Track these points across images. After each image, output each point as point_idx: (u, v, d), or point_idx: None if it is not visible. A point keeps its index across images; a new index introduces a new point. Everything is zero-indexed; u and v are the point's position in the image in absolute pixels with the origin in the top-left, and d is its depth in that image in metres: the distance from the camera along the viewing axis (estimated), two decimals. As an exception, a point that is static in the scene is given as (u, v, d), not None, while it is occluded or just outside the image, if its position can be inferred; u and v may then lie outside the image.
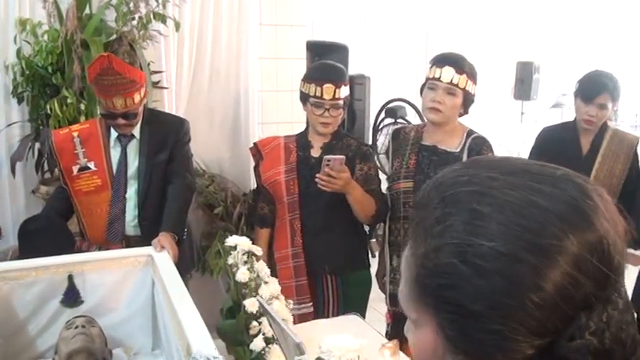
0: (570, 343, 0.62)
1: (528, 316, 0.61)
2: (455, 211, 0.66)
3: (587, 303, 0.62)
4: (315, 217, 2.85)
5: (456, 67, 2.66)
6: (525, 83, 7.11)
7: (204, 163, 4.10)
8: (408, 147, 2.86)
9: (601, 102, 3.09)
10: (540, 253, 0.61)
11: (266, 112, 4.18)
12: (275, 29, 4.17)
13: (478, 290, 0.62)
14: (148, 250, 2.63)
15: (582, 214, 0.64)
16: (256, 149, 3.03)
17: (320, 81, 2.79)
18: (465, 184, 0.67)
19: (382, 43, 6.79)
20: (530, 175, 0.67)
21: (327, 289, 2.94)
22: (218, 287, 3.68)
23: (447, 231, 0.65)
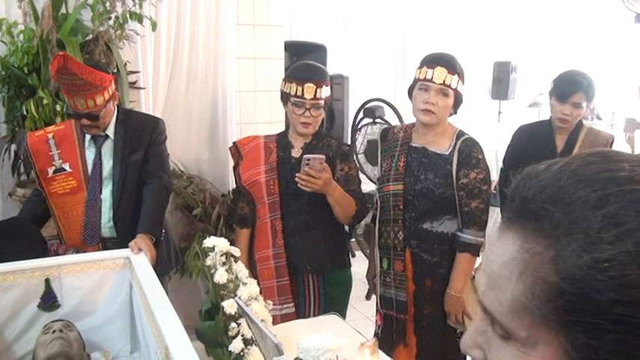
0: None
1: None
2: (629, 210, 0.55)
3: None
4: (296, 217, 2.85)
5: (448, 67, 2.66)
6: (502, 83, 7.15)
7: (183, 164, 4.08)
8: (397, 148, 2.84)
9: (576, 101, 3.12)
10: None
11: (244, 112, 4.16)
12: (252, 29, 4.15)
13: None
14: (125, 252, 2.61)
15: None
16: (236, 149, 3.02)
17: (301, 80, 2.78)
18: (630, 183, 0.57)
19: (360, 43, 6.80)
20: None
21: (308, 289, 2.93)
22: (197, 289, 3.67)
23: (628, 236, 0.54)
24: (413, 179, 2.73)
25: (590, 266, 0.54)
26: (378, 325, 2.97)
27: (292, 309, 2.84)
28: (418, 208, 2.71)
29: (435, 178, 2.69)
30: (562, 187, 0.59)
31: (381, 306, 2.89)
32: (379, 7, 6.83)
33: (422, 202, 2.70)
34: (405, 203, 2.74)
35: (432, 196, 2.68)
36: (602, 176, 0.58)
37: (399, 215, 2.75)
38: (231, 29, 4.04)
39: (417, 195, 2.71)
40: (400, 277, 2.78)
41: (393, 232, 2.78)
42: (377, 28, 6.91)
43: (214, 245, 2.09)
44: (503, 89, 7.16)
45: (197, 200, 3.92)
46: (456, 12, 7.09)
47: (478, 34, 7.28)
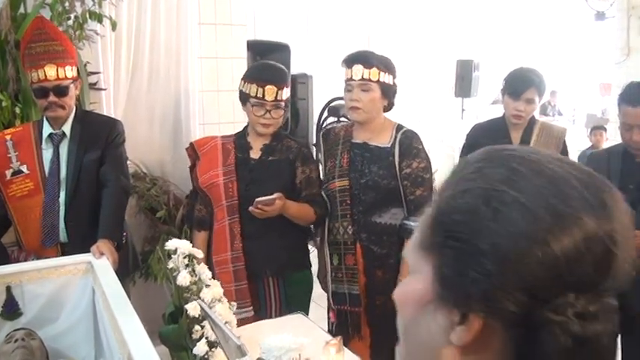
0: (553, 314, 0.63)
1: (526, 268, 0.63)
2: (495, 165, 0.70)
3: (580, 286, 0.64)
4: (254, 220, 2.80)
5: (364, 62, 2.72)
6: (465, 81, 7.23)
7: (145, 166, 4.03)
8: (339, 146, 2.88)
9: (528, 97, 3.17)
10: (558, 218, 0.64)
11: (207, 112, 4.13)
12: (214, 28, 4.12)
13: (489, 230, 0.65)
14: (87, 257, 2.58)
15: (606, 207, 0.66)
16: (192, 149, 2.99)
17: (262, 82, 2.77)
18: (510, 151, 0.72)
19: (324, 42, 6.81)
20: (570, 162, 0.71)
21: (268, 292, 2.92)
22: (163, 292, 3.63)
23: (481, 178, 0.69)
24: (358, 174, 2.79)
25: (450, 197, 0.70)
26: (331, 322, 2.98)
27: (251, 312, 2.82)
28: (365, 202, 2.77)
29: (379, 171, 2.75)
30: (467, 157, 0.74)
31: (334, 302, 2.91)
32: (343, 6, 6.85)
33: (368, 195, 2.76)
34: (352, 198, 2.79)
35: (378, 188, 2.74)
36: (498, 148, 0.73)
37: (347, 210, 2.80)
38: (192, 29, 4.00)
39: (362, 189, 2.77)
40: (352, 271, 2.82)
41: (342, 227, 2.82)
42: (341, 26, 6.93)
43: (176, 248, 2.07)
44: (466, 87, 7.23)
45: (161, 202, 3.88)
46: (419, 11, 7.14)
47: (441, 32, 7.35)
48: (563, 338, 0.63)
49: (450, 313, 0.68)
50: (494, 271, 0.63)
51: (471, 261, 0.65)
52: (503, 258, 0.63)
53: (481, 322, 0.65)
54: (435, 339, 0.69)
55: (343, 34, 6.89)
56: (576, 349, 0.64)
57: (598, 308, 0.65)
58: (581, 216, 0.64)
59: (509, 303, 0.63)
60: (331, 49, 6.72)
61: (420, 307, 0.71)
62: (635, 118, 2.76)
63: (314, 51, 6.85)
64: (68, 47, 2.81)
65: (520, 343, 0.65)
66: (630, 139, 2.81)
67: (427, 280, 0.70)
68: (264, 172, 2.76)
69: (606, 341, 0.66)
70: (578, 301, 0.64)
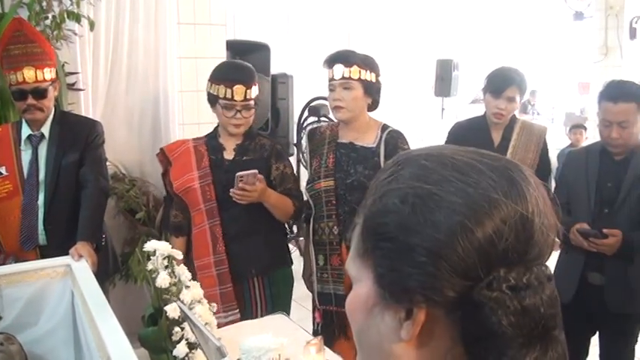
0: (488, 291, 0.66)
1: (454, 253, 0.66)
2: (405, 166, 0.73)
3: (508, 260, 0.67)
4: (236, 221, 2.81)
5: (344, 61, 2.72)
6: (445, 80, 7.23)
7: (124, 167, 4.00)
8: (325, 146, 2.87)
9: (509, 95, 3.18)
10: (470, 200, 0.68)
11: (186, 112, 4.10)
12: (194, 28, 4.10)
13: (413, 225, 0.68)
14: (65, 259, 2.56)
15: (515, 183, 0.70)
16: (163, 155, 2.93)
17: (230, 82, 2.75)
18: (417, 151, 0.77)
19: (305, 42, 6.80)
20: (477, 151, 0.75)
21: (254, 292, 2.91)
22: (143, 294, 3.60)
23: (394, 180, 0.72)
24: (343, 174, 2.78)
25: (372, 204, 0.73)
26: (317, 322, 2.98)
27: (237, 315, 2.80)
28: (351, 202, 2.76)
29: (365, 171, 2.74)
30: (387, 162, 0.78)
31: (320, 303, 2.90)
32: (323, 6, 6.85)
33: (354, 195, 2.75)
34: (338, 198, 2.78)
35: (364, 188, 2.70)
36: (407, 152, 0.78)
37: (333, 210, 2.79)
38: (171, 28, 3.97)
39: (348, 189, 2.77)
40: (338, 271, 2.81)
41: (327, 227, 2.80)
42: (321, 26, 6.93)
43: (155, 249, 2.05)
44: (446, 86, 7.24)
45: (140, 203, 3.85)
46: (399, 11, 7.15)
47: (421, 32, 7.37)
48: (501, 312, 0.66)
49: (395, 312, 0.70)
50: (425, 262, 0.67)
51: (403, 257, 0.68)
52: (430, 248, 0.66)
53: (424, 313, 0.68)
54: (386, 339, 0.72)
55: (323, 33, 6.90)
56: (517, 321, 0.66)
57: (530, 278, 0.68)
58: (492, 196, 0.68)
59: (446, 289, 0.66)
60: (311, 48, 6.72)
61: (368, 312, 0.74)
62: (615, 115, 2.78)
63: (294, 51, 6.85)
64: (47, 49, 2.79)
65: (464, 326, 0.68)
66: (609, 136, 2.83)
67: (369, 285, 0.73)
68: (240, 172, 2.75)
69: (545, 309, 0.69)
70: (510, 275, 0.67)
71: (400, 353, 0.71)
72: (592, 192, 2.92)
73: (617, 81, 2.91)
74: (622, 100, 2.76)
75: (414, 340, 0.70)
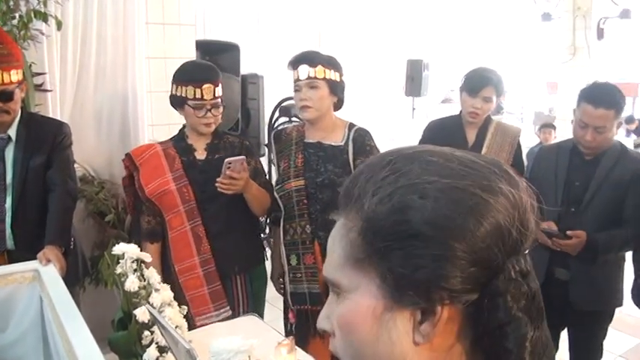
0: (507, 280, 0.69)
1: (482, 243, 0.67)
2: (407, 163, 0.72)
3: (515, 248, 0.71)
4: (217, 220, 2.82)
5: (308, 62, 2.74)
6: (415, 80, 7.27)
7: (93, 169, 3.95)
8: (292, 147, 2.89)
9: (486, 95, 3.20)
10: (487, 190, 0.69)
11: (156, 113, 4.05)
12: (162, 28, 4.06)
13: (435, 217, 0.67)
14: (33, 264, 2.52)
15: (508, 173, 0.74)
16: (130, 160, 2.88)
17: (199, 82, 2.74)
18: (413, 148, 0.76)
19: (275, 42, 6.79)
20: (464, 150, 0.77)
21: (237, 289, 2.93)
22: (114, 298, 3.56)
23: (402, 177, 0.70)
24: (313, 173, 2.80)
25: (377, 203, 0.70)
26: (290, 323, 2.97)
27: (229, 312, 2.82)
28: (322, 200, 2.78)
29: (335, 169, 2.77)
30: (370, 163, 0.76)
31: (293, 303, 2.90)
32: (294, 6, 6.83)
33: (325, 193, 2.77)
34: (309, 197, 2.80)
35: (334, 186, 2.76)
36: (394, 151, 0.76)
37: (305, 210, 2.80)
38: (140, 28, 3.93)
39: (319, 187, 2.79)
40: (312, 270, 2.82)
41: (299, 227, 2.81)
42: (292, 26, 6.92)
43: (124, 252, 2.02)
44: (416, 86, 7.28)
45: (109, 206, 3.80)
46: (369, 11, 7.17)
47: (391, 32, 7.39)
48: (518, 298, 0.69)
49: (410, 314, 0.69)
50: (447, 254, 0.66)
51: (423, 252, 0.67)
52: (453, 238, 0.67)
53: (447, 310, 0.68)
54: (399, 345, 0.70)
55: (294, 33, 6.88)
56: (528, 305, 0.70)
57: (528, 265, 0.72)
58: (500, 185, 0.71)
59: (468, 281, 0.67)
60: (282, 48, 6.70)
61: (375, 321, 0.71)
62: (593, 119, 2.79)
63: (265, 51, 6.83)
64: (13, 50, 2.73)
65: (478, 319, 0.69)
66: (583, 137, 2.84)
67: (371, 292, 0.71)
68: (214, 171, 2.73)
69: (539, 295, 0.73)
70: (518, 263, 0.71)
71: (413, 357, 0.70)
72: (560, 190, 2.95)
73: (601, 84, 2.91)
74: (603, 106, 2.76)
75: (428, 342, 0.69)
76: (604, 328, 3.07)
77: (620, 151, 2.90)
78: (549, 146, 3.44)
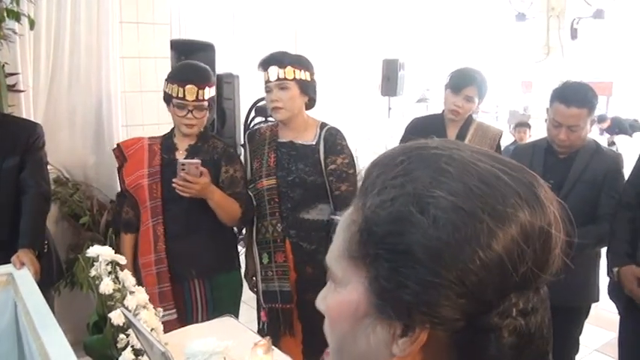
0: (500, 318, 0.63)
1: (469, 273, 0.61)
2: (421, 166, 0.66)
3: (522, 282, 0.64)
4: (178, 221, 2.80)
5: (277, 63, 2.77)
6: (391, 80, 7.28)
7: (67, 171, 3.90)
8: (265, 146, 2.91)
9: (468, 94, 3.26)
10: (497, 218, 0.62)
11: (130, 113, 4.02)
12: (137, 27, 4.02)
13: (429, 239, 0.62)
14: (7, 268, 2.49)
15: (537, 197, 0.66)
16: (119, 151, 2.93)
17: (182, 82, 2.74)
18: (433, 149, 0.69)
19: (251, 41, 6.76)
20: (494, 156, 0.70)
21: (194, 294, 2.89)
22: (89, 301, 3.52)
23: (410, 182, 0.65)
24: (285, 172, 2.83)
25: (378, 205, 0.66)
26: (262, 322, 2.97)
27: (174, 315, 2.79)
28: (293, 199, 2.82)
29: (306, 167, 2.81)
30: (391, 153, 0.71)
31: (265, 301, 2.91)
32: (270, 5, 6.82)
33: (296, 192, 2.82)
34: (280, 196, 2.83)
35: (305, 184, 2.80)
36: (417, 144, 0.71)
37: (276, 208, 2.83)
38: (114, 27, 3.89)
39: (290, 186, 2.82)
40: (282, 268, 2.84)
41: (271, 225, 2.84)
42: (267, 25, 6.89)
43: (98, 254, 2.00)
44: (392, 86, 7.30)
45: (84, 208, 3.76)
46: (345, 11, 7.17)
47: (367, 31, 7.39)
48: (509, 337, 0.64)
49: (390, 326, 0.66)
50: (435, 281, 0.62)
51: (410, 272, 0.63)
52: (443, 266, 0.61)
53: (426, 333, 0.64)
54: (376, 352, 0.68)
55: (270, 33, 6.86)
56: (521, 344, 0.65)
57: (537, 301, 0.66)
58: (518, 213, 0.63)
59: (454, 311, 0.62)
60: (258, 48, 6.67)
61: (357, 321, 0.69)
62: (566, 119, 2.82)
63: (240, 50, 6.80)
64: None
65: (465, 348, 0.65)
66: (556, 137, 2.87)
67: (360, 291, 0.68)
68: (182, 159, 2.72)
69: (546, 331, 0.67)
70: (521, 299, 0.64)
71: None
72: None
73: (573, 83, 2.94)
74: (575, 105, 2.79)
75: (407, 358, 0.66)
76: (580, 323, 3.10)
77: (594, 149, 2.94)
78: (524, 145, 3.47)
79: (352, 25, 7.24)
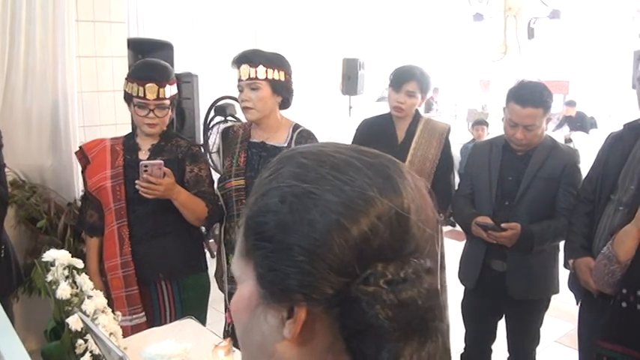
0: (365, 286, 0.68)
1: (330, 251, 0.67)
2: (285, 164, 0.75)
3: (384, 255, 0.69)
4: (143, 222, 2.75)
5: (249, 61, 2.72)
6: (352, 79, 7.32)
7: (24, 173, 3.81)
8: (237, 145, 2.87)
9: (409, 89, 3.29)
10: (349, 200, 0.69)
11: (87, 114, 3.95)
12: (93, 26, 3.95)
13: (290, 224, 0.69)
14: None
15: (391, 179, 0.73)
16: (82, 153, 2.87)
17: (142, 80, 2.69)
18: (302, 149, 0.77)
19: (210, 40, 6.72)
20: (355, 148, 0.77)
21: (162, 297, 2.85)
22: (49, 307, 3.45)
23: (276, 179, 0.73)
24: (254, 173, 2.79)
25: (253, 202, 0.74)
26: (228, 323, 2.94)
27: (143, 318, 2.75)
28: None
29: None
30: (271, 163, 0.78)
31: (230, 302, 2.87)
32: (229, 4, 6.78)
33: None
34: (248, 196, 2.75)
35: None
36: (289, 150, 0.79)
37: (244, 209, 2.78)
38: (70, 26, 3.80)
39: None
40: None
41: (237, 226, 2.77)
42: (227, 24, 6.86)
43: (55, 259, 1.95)
44: (353, 85, 7.34)
45: (41, 211, 3.68)
46: (305, 10, 7.17)
47: (327, 31, 7.41)
48: (378, 306, 0.68)
49: (277, 311, 0.71)
50: (303, 261, 0.68)
51: (281, 257, 0.69)
52: (307, 247, 0.68)
53: (305, 311, 0.69)
54: (269, 339, 0.73)
55: (229, 32, 6.82)
56: (395, 314, 0.68)
57: (407, 272, 0.70)
58: (368, 193, 0.70)
59: (324, 287, 0.68)
60: (217, 47, 6.64)
61: (251, 312, 0.75)
62: (521, 118, 2.87)
63: (199, 49, 6.75)
64: None
65: (343, 321, 0.69)
66: (513, 135, 2.93)
67: (252, 284, 0.74)
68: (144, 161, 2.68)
69: (423, 302, 0.70)
70: (387, 270, 0.69)
71: (283, 352, 0.72)
72: (494, 184, 3.03)
73: (528, 83, 2.99)
74: (530, 105, 2.84)
75: (296, 339, 0.71)
76: (541, 315, 3.17)
77: (551, 146, 3.00)
78: (483, 143, 3.53)
79: (312, 25, 7.25)
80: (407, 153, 3.31)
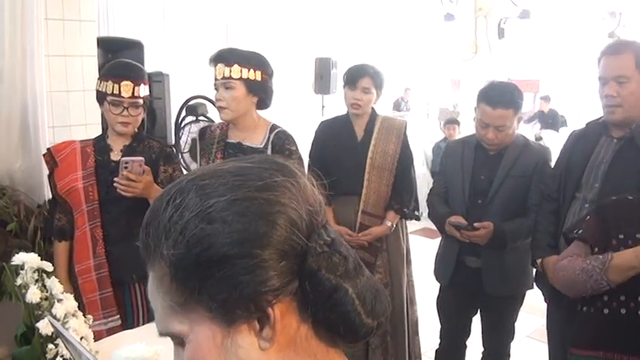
0: (316, 256, 0.74)
1: (278, 239, 0.72)
2: (184, 196, 0.76)
3: (314, 225, 0.77)
4: (117, 223, 2.71)
5: (224, 60, 2.72)
6: (324, 78, 7.34)
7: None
8: (214, 145, 2.87)
9: (364, 86, 3.38)
10: (265, 189, 0.75)
11: (57, 114, 3.88)
12: (62, 24, 3.89)
13: (229, 236, 0.71)
14: None
15: (281, 165, 0.80)
16: (50, 156, 2.83)
17: (118, 78, 2.67)
18: (185, 179, 0.79)
19: (181, 40, 6.67)
20: (234, 159, 0.83)
21: (135, 298, 2.81)
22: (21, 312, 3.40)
23: (185, 211, 0.74)
24: None
25: (173, 246, 0.74)
26: None
27: (118, 321, 2.72)
28: None
29: None
30: (150, 214, 0.81)
31: None
32: (200, 3, 6.73)
33: None
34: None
35: None
36: (166, 190, 0.80)
37: None
38: (39, 25, 3.74)
39: None
40: None
41: None
42: (198, 23, 6.82)
43: (24, 262, 1.92)
44: (325, 84, 7.35)
45: (10, 214, 3.61)
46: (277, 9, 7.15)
47: (299, 30, 7.41)
48: (334, 267, 0.74)
49: (248, 328, 0.73)
50: (254, 262, 0.71)
51: (234, 270, 0.71)
52: (253, 247, 0.71)
53: (279, 308, 0.73)
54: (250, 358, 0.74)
55: (201, 31, 6.78)
56: (345, 268, 0.75)
57: (331, 233, 0.78)
58: (276, 179, 0.76)
59: (284, 275, 0.72)
60: (189, 46, 6.59)
61: (219, 350, 0.74)
62: (492, 119, 2.89)
63: (170, 48, 6.70)
64: None
65: (313, 301, 0.74)
66: (485, 136, 2.96)
67: (207, 324, 0.74)
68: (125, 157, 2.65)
69: (348, 250, 0.79)
70: (320, 237, 0.76)
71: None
72: (467, 183, 3.06)
73: (498, 84, 3.03)
74: (500, 106, 2.87)
75: (274, 343, 0.73)
76: (515, 311, 3.21)
77: (522, 144, 3.04)
78: (455, 142, 3.56)
79: (284, 24, 7.24)
80: (367, 150, 3.38)
